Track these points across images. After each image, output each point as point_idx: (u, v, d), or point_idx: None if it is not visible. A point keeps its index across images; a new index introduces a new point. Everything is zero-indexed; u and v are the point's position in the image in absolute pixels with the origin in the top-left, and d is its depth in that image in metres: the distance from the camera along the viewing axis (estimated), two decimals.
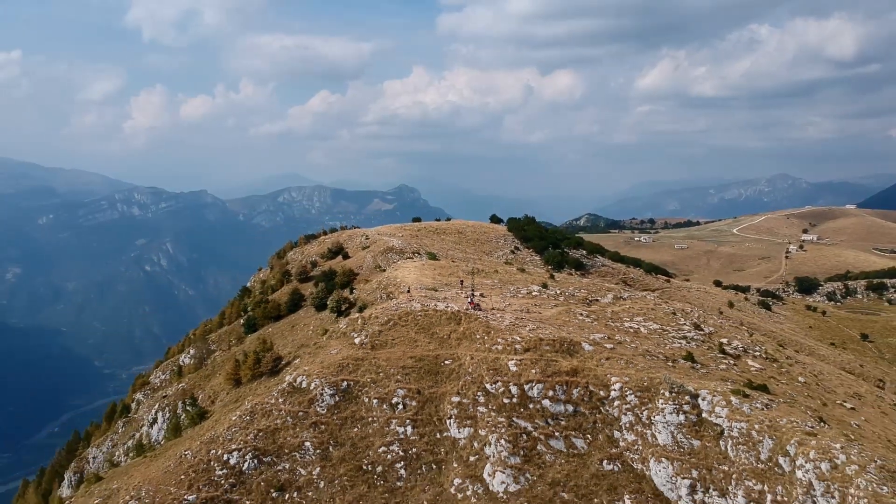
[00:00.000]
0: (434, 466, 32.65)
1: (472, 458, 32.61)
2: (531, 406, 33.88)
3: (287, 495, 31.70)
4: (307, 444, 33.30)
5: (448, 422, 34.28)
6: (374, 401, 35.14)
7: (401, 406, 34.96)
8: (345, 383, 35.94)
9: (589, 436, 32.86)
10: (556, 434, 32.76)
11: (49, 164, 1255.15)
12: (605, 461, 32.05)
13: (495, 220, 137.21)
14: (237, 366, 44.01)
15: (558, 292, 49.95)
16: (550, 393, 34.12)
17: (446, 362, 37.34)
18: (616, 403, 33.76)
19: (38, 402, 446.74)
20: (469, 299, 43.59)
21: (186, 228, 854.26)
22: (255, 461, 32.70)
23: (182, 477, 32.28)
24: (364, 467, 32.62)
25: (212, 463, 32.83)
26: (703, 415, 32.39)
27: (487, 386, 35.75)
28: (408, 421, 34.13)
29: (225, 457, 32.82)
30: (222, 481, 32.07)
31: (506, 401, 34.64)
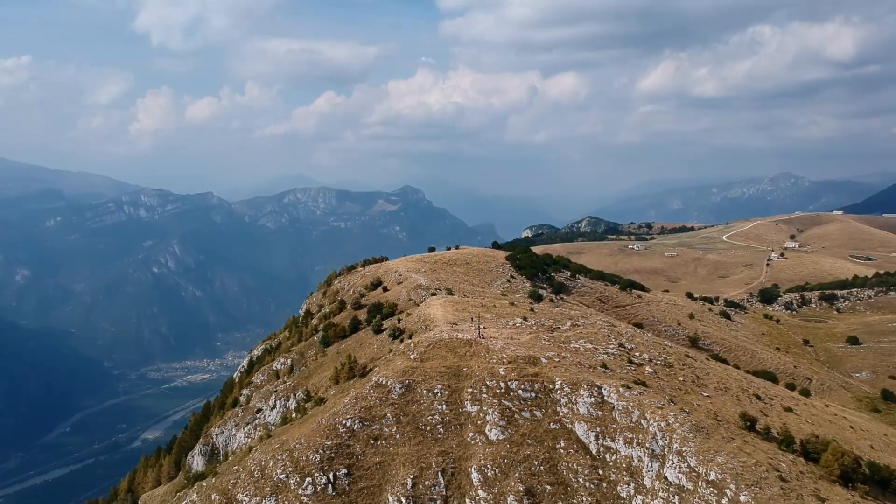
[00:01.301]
0: (458, 427, 59.68)
1: (479, 422, 59.64)
2: (511, 393, 60.98)
3: (379, 442, 58.70)
4: (388, 415, 60.39)
5: (465, 402, 61.38)
6: (424, 391, 62.27)
7: (439, 394, 62.07)
8: (407, 381, 63.16)
9: (543, 410, 59.88)
10: (525, 409, 59.81)
11: (55, 166, 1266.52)
12: (551, 423, 58.99)
13: (497, 246, 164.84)
14: (337, 371, 71.02)
15: (532, 323, 76.94)
16: (522, 386, 61.21)
17: (464, 369, 64.52)
18: (558, 392, 60.79)
19: (48, 403, 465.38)
20: (477, 331, 70.81)
21: (193, 230, 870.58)
22: (360, 423, 59.75)
23: (322, 432, 59.33)
24: (420, 427, 59.66)
25: (336, 425, 59.87)
26: (604, 398, 59.39)
27: (487, 382, 62.74)
28: (443, 402, 61.27)
29: (344, 421, 59.91)
30: (343, 434, 59.10)
31: (497, 391, 61.68)
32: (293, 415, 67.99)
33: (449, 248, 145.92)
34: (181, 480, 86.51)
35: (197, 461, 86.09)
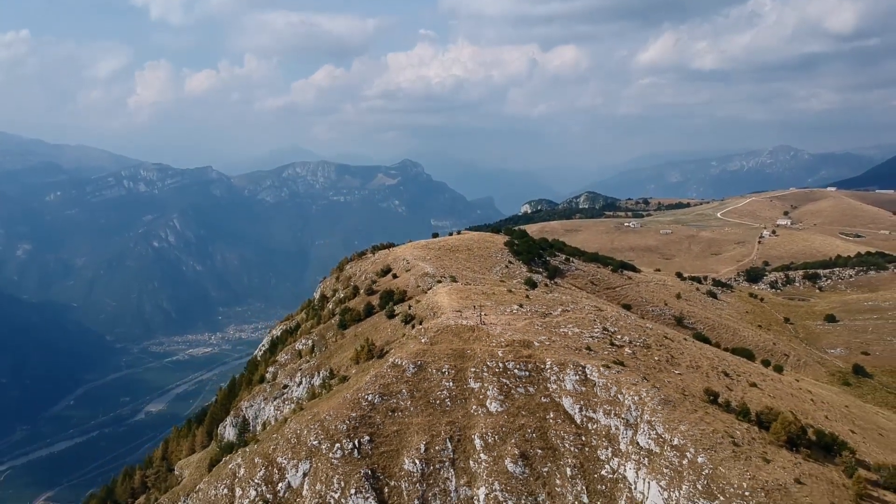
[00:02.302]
0: (463, 400, 69.94)
1: (480, 396, 69.89)
2: (508, 372, 71.19)
3: (396, 413, 68.98)
4: (403, 390, 70.61)
5: (469, 380, 71.58)
6: (434, 370, 72.43)
7: (446, 373, 72.24)
8: (419, 361, 73.32)
9: (535, 386, 70.10)
10: (520, 385, 70.03)
11: (54, 140, 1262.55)
12: (542, 397, 69.22)
13: (495, 230, 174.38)
14: (357, 352, 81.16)
15: (528, 310, 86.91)
16: (518, 366, 71.39)
17: (468, 352, 74.64)
18: (548, 371, 70.96)
19: (53, 377, 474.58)
20: (479, 318, 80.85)
21: (193, 204, 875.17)
22: (380, 398, 69.97)
23: (347, 405, 69.59)
24: (431, 401, 69.90)
25: (359, 399, 70.11)
26: (587, 375, 69.60)
27: (488, 363, 72.84)
28: (450, 379, 71.47)
29: (366, 396, 70.15)
30: (366, 407, 69.36)
31: (497, 370, 71.85)
32: (319, 391, 78.27)
33: (451, 234, 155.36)
34: (214, 448, 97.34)
35: (229, 431, 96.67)
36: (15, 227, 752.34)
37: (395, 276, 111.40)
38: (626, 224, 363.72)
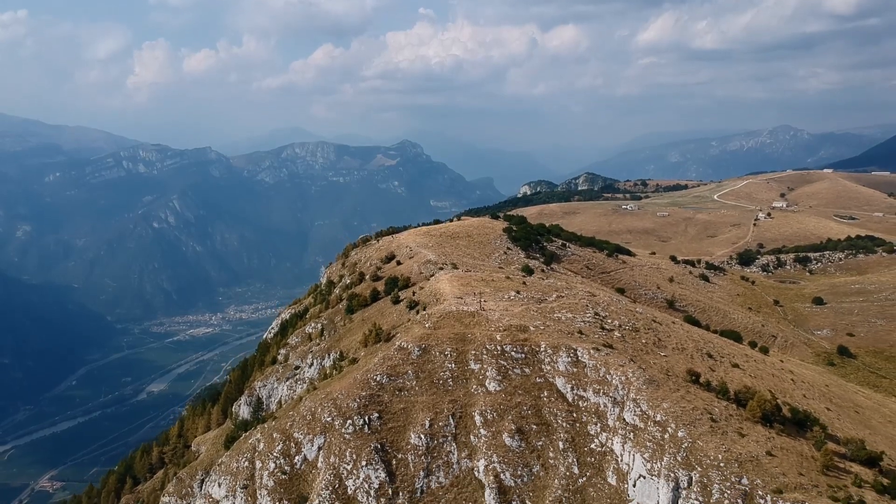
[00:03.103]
0: (464, 381, 75.83)
1: (480, 377, 75.78)
2: (506, 355, 77.04)
3: (402, 392, 74.89)
4: (409, 371, 76.46)
5: (470, 362, 77.43)
6: (437, 353, 78.23)
7: (449, 355, 78.05)
8: (423, 345, 79.10)
9: (530, 367, 75.96)
10: (516, 367, 75.90)
11: (52, 120, 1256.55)
12: (537, 378, 75.11)
13: (494, 215, 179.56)
14: (365, 336, 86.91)
15: (524, 296, 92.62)
16: (515, 349, 77.18)
17: (468, 335, 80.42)
18: (543, 353, 76.78)
19: (55, 357, 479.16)
20: (478, 304, 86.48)
21: (192, 185, 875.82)
22: (387, 378, 75.84)
23: (357, 385, 75.48)
24: (434, 381, 75.79)
25: (369, 380, 75.98)
26: (579, 357, 75.42)
27: (487, 346, 78.62)
28: (452, 361, 77.30)
29: (374, 377, 76.02)
30: (375, 387, 75.25)
31: (495, 353, 77.64)
32: (330, 371, 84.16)
33: (451, 219, 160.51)
34: (229, 426, 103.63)
35: (243, 410, 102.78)
36: (15, 208, 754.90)
37: (398, 263, 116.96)
38: (623, 206, 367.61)
